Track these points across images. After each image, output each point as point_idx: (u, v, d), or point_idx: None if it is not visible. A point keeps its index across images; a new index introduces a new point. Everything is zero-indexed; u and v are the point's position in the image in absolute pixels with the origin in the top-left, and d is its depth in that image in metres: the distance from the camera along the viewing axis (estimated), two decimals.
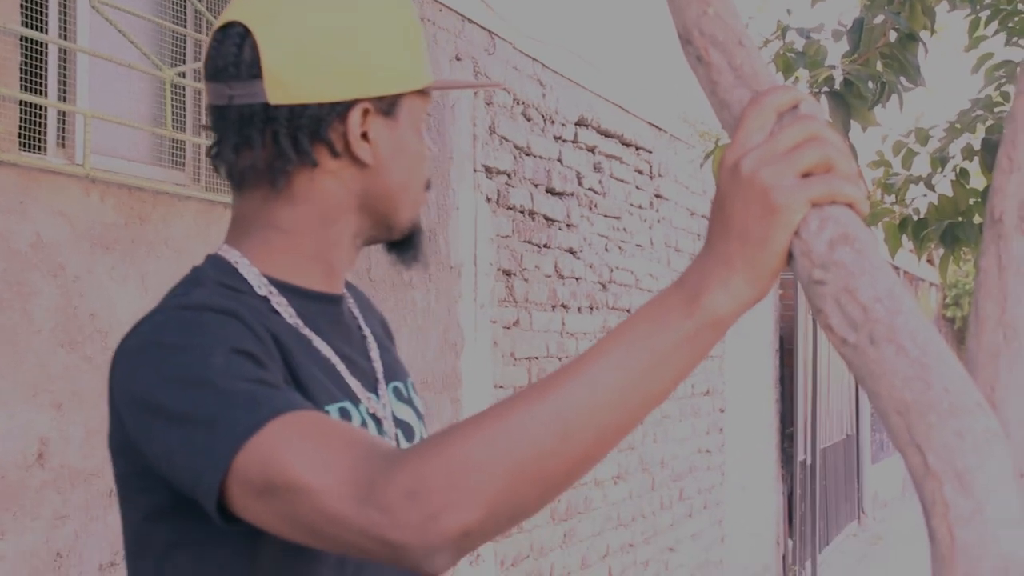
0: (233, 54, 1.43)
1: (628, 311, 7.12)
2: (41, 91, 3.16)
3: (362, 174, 1.47)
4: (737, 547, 9.62)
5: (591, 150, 6.68)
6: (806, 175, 1.05)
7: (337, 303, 1.55)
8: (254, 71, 1.41)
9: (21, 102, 2.99)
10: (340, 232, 1.49)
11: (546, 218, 6.06)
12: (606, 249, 6.88)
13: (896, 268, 18.14)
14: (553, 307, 6.15)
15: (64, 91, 3.27)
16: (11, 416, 2.87)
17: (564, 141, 6.32)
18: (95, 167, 3.15)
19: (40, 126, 3.14)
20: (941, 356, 1.05)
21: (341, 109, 1.43)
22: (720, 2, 1.32)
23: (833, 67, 3.61)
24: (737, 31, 1.30)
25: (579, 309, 6.48)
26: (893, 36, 3.54)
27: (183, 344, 1.28)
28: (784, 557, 11.13)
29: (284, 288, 1.46)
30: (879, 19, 3.53)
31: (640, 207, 7.47)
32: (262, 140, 1.43)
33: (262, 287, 1.44)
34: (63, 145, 3.24)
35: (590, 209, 6.64)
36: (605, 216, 6.86)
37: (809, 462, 11.79)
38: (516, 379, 5.70)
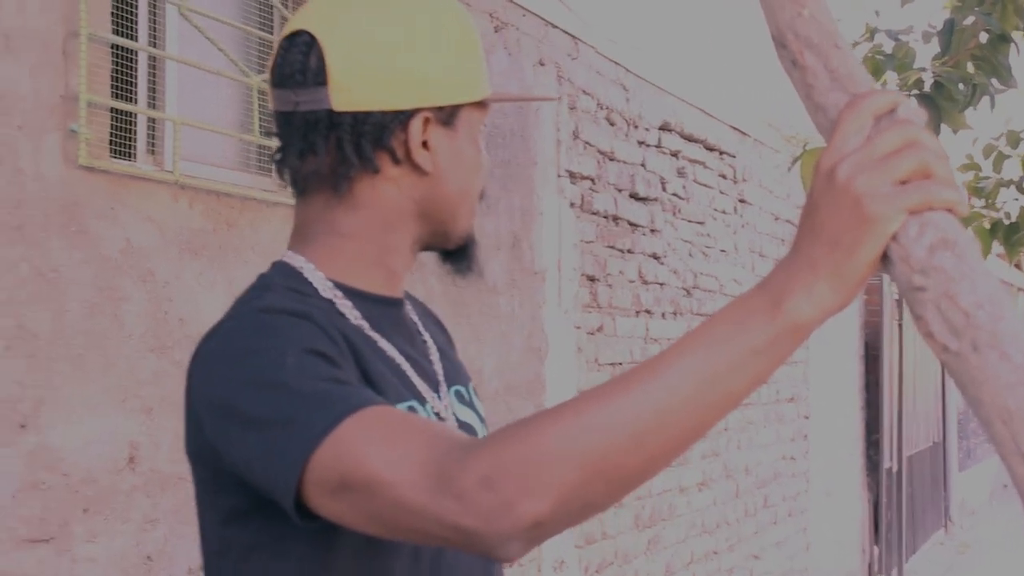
0: (300, 62, 1.47)
1: None
2: (131, 98, 3.19)
3: (422, 182, 1.51)
4: (822, 555, 9.53)
5: (675, 155, 6.65)
6: (903, 182, 1.03)
7: (398, 306, 1.59)
8: (320, 78, 1.45)
9: (112, 109, 3.02)
10: (400, 238, 1.53)
11: (630, 223, 6.04)
12: (690, 254, 6.84)
13: None
14: (637, 313, 6.13)
15: (153, 98, 3.30)
16: (102, 421, 2.90)
17: (648, 146, 6.30)
18: (184, 173, 3.18)
19: (130, 133, 3.17)
20: None
21: (403, 117, 1.47)
22: (815, 3, 1.30)
23: (923, 69, 3.57)
24: (832, 33, 1.28)
25: (663, 315, 6.45)
26: (984, 37, 3.49)
27: (258, 347, 1.31)
28: (870, 565, 11.02)
29: (348, 291, 1.50)
30: (970, 20, 3.49)
31: (724, 212, 7.43)
32: (326, 146, 1.47)
33: (327, 290, 1.48)
34: (152, 151, 3.27)
35: (674, 214, 6.61)
36: (689, 221, 6.83)
37: (895, 469, 11.67)
38: None
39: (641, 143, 6.21)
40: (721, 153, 7.34)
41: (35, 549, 2.74)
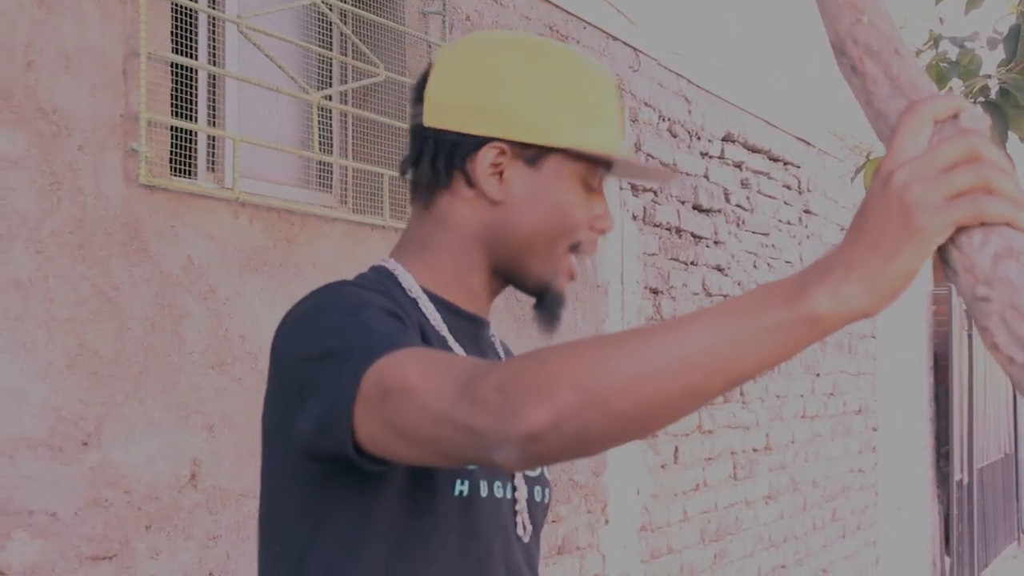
0: (420, 80, 1.60)
1: None
2: (191, 116, 3.21)
3: (492, 209, 1.57)
4: (892, 569, 9.44)
5: (738, 166, 6.61)
6: (957, 195, 1.01)
7: (480, 325, 1.66)
8: (420, 95, 1.58)
9: (172, 127, 3.03)
10: (474, 259, 1.60)
11: (693, 235, 6.01)
12: (754, 266, 6.80)
13: None
14: None
15: (213, 116, 3.32)
16: (164, 438, 2.91)
17: (711, 157, 6.26)
18: (244, 190, 3.19)
19: (190, 151, 3.19)
20: None
21: (477, 143, 1.54)
22: (875, 10, 1.27)
23: (989, 76, 3.53)
24: (893, 39, 1.25)
25: None
26: None
27: (338, 304, 1.42)
28: None
29: (432, 298, 1.58)
30: None
31: (789, 223, 7.38)
32: (418, 158, 1.59)
33: (413, 290, 1.57)
34: (213, 169, 3.29)
35: (738, 226, 6.57)
36: (753, 233, 6.78)
37: (966, 482, 11.54)
38: None
39: (704, 154, 6.18)
40: (785, 163, 7.29)
41: (98, 566, 2.75)
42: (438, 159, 1.56)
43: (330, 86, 3.71)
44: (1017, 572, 13.57)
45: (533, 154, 1.55)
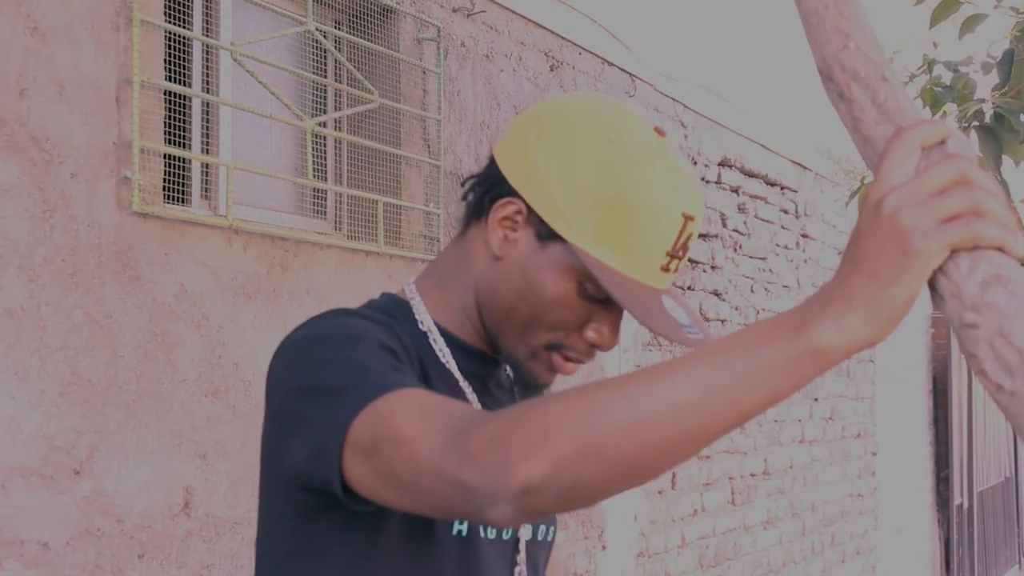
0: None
1: None
2: (185, 144, 3.21)
3: (491, 260, 1.50)
4: None
5: (735, 191, 6.61)
6: (951, 218, 1.00)
7: (491, 364, 1.57)
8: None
9: (165, 155, 3.03)
10: (470, 301, 1.53)
11: (690, 260, 6.01)
12: (752, 291, 6.80)
13: None
14: None
15: (207, 143, 3.32)
16: (156, 466, 2.90)
17: (707, 182, 6.27)
18: (237, 217, 3.19)
19: (184, 178, 3.19)
20: None
21: (505, 191, 1.47)
22: (861, 36, 1.27)
23: (983, 100, 3.52)
24: (880, 65, 1.25)
25: None
26: None
27: (334, 335, 1.37)
28: None
29: (445, 334, 1.52)
30: None
31: (786, 247, 7.38)
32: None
33: (424, 323, 1.51)
34: (207, 196, 3.29)
35: (735, 250, 6.57)
36: (750, 257, 6.78)
37: (966, 505, 11.51)
38: None
39: (701, 179, 6.18)
40: (782, 188, 7.30)
41: None
42: (482, 186, 1.51)
43: (324, 113, 3.71)
44: None
45: (546, 231, 1.44)
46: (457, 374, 1.50)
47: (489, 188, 1.49)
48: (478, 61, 4.23)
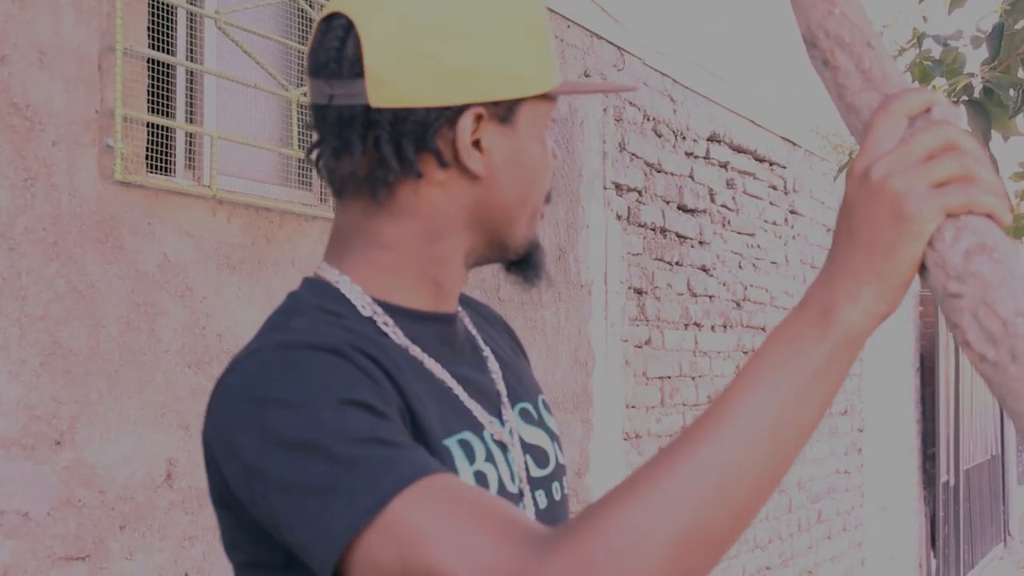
0: (335, 49, 1.30)
1: (763, 329, 7.03)
2: (169, 113, 3.18)
3: (473, 186, 1.33)
4: (877, 570, 9.47)
5: (723, 166, 6.60)
6: (940, 185, 0.98)
7: (449, 323, 1.41)
8: (356, 69, 1.28)
9: (149, 124, 3.00)
10: (449, 249, 1.36)
11: (678, 235, 5.99)
12: (740, 266, 6.79)
13: None
14: (686, 325, 6.08)
15: (191, 113, 3.29)
16: (139, 437, 2.89)
17: (696, 157, 6.25)
18: (222, 188, 3.17)
19: (168, 148, 3.16)
20: None
21: (451, 114, 1.29)
22: (847, 1, 1.25)
23: (972, 75, 3.51)
24: (865, 32, 1.23)
25: (712, 327, 6.40)
26: None
27: (286, 398, 1.15)
28: None
29: (390, 309, 1.34)
30: (1020, 24, 3.43)
31: (774, 223, 7.38)
32: (363, 146, 1.30)
33: (366, 307, 1.33)
34: (191, 166, 3.26)
35: (723, 226, 6.56)
36: (738, 233, 6.77)
37: (952, 483, 11.55)
38: (648, 399, 5.64)
39: (689, 154, 6.16)
40: (771, 164, 7.29)
41: (71, 567, 2.72)
42: (403, 144, 1.29)
43: None
44: (1003, 573, 13.58)
45: (505, 110, 1.32)
46: (417, 352, 1.33)
47: (413, 137, 1.29)
48: None
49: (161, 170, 3.12)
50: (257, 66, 3.34)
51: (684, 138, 6.11)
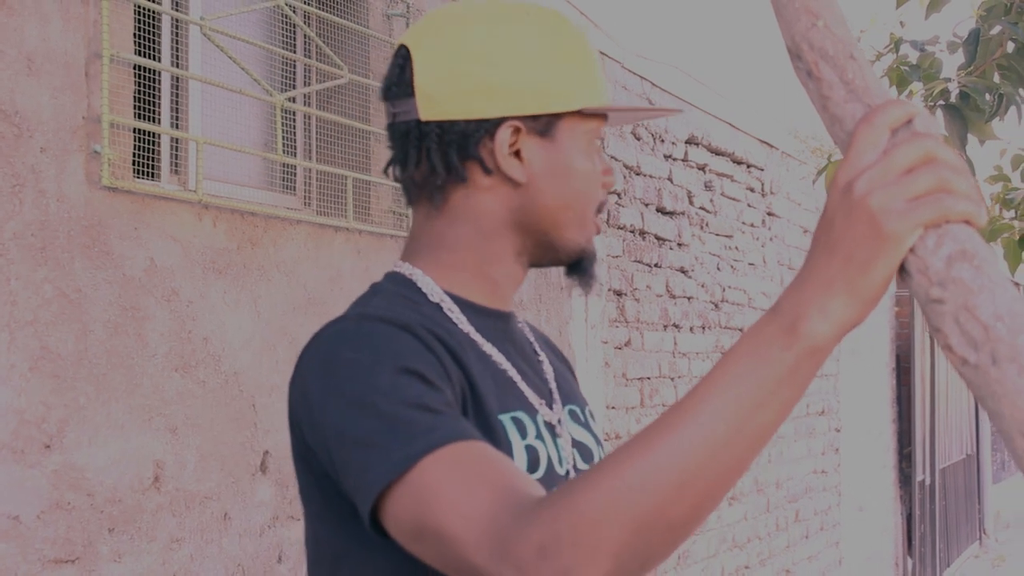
0: (396, 74, 1.51)
1: (741, 330, 7.07)
2: (155, 119, 3.21)
3: (516, 192, 1.50)
4: (855, 569, 9.53)
5: (702, 168, 6.65)
6: (918, 198, 1.02)
7: (506, 319, 1.59)
8: (409, 89, 1.48)
9: (135, 130, 3.03)
10: (500, 249, 1.53)
11: (657, 237, 6.04)
12: (718, 268, 6.84)
13: (1017, 284, 17.79)
14: (665, 327, 6.12)
15: (177, 118, 3.32)
16: (127, 440, 2.91)
17: (674, 160, 6.30)
18: (207, 192, 3.19)
19: (154, 153, 3.18)
20: None
21: (489, 126, 1.48)
22: (830, 14, 1.28)
23: (948, 80, 3.55)
24: (848, 44, 1.27)
25: (691, 329, 6.45)
26: (1011, 47, 3.47)
27: (353, 359, 1.33)
28: None
29: (455, 300, 1.52)
30: (996, 30, 3.47)
31: (752, 225, 7.43)
32: (417, 156, 1.49)
33: (435, 295, 1.50)
34: (176, 171, 3.29)
35: (701, 228, 6.60)
36: (717, 235, 6.82)
37: (928, 482, 11.64)
38: (628, 400, 5.68)
39: (668, 157, 6.21)
40: (749, 166, 7.34)
41: (60, 570, 2.74)
42: (449, 153, 1.48)
43: (294, 88, 3.71)
44: (979, 571, 13.67)
45: (544, 125, 1.49)
46: (478, 337, 1.50)
47: (461, 145, 1.48)
48: None
49: (146, 175, 3.15)
50: (241, 71, 3.36)
51: (663, 141, 6.15)
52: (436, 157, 1.48)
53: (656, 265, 6.02)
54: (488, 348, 1.51)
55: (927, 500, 11.60)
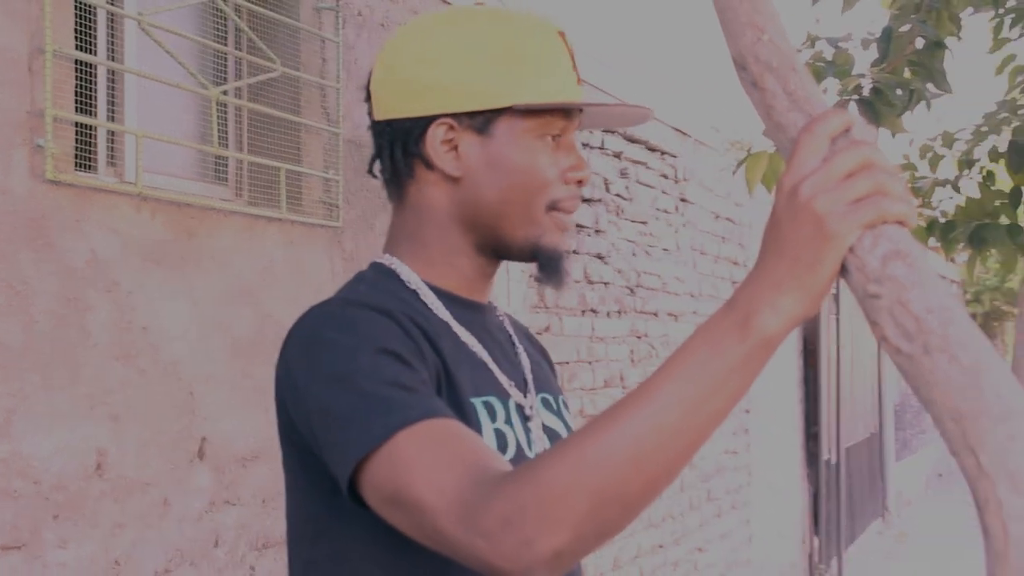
0: (367, 79, 1.64)
1: (655, 314, 7.18)
2: (91, 111, 3.24)
3: (457, 187, 1.58)
4: (765, 546, 9.68)
5: (617, 155, 6.73)
6: (858, 200, 1.11)
7: (481, 310, 1.67)
8: (367, 94, 1.63)
9: (75, 123, 3.07)
10: (459, 242, 1.61)
11: (575, 224, 6.11)
12: (633, 254, 6.95)
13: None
14: (583, 312, 6.21)
15: (113, 111, 3.36)
16: (71, 429, 2.96)
17: (591, 148, 6.38)
18: (146, 185, 3.24)
19: (91, 146, 3.22)
20: (992, 364, 1.10)
21: (424, 124, 1.56)
22: (774, 28, 1.38)
23: (862, 76, 3.66)
24: (791, 57, 1.36)
25: (608, 314, 6.55)
26: (921, 44, 3.59)
27: (335, 339, 1.40)
28: (810, 556, 11.16)
29: (433, 289, 1.60)
30: (906, 27, 3.59)
31: (666, 211, 7.53)
32: (379, 155, 1.62)
33: (413, 283, 1.59)
34: (113, 163, 3.33)
35: (617, 215, 6.69)
36: (632, 221, 6.91)
37: (834, 461, 11.81)
38: None
39: (585, 145, 6.29)
40: (662, 153, 7.42)
41: (7, 556, 2.79)
42: (395, 150, 1.58)
43: (226, 81, 3.76)
44: (882, 547, 13.95)
45: (481, 122, 1.55)
46: (453, 323, 1.58)
47: (403, 142, 1.57)
48: (374, 30, 4.30)
49: (84, 167, 3.19)
50: (175, 65, 3.40)
51: (580, 129, 6.21)
52: (385, 153, 1.60)
53: (574, 252, 6.09)
54: (464, 335, 1.58)
55: (833, 478, 11.78)
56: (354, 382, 1.35)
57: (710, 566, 8.27)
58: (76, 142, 3.14)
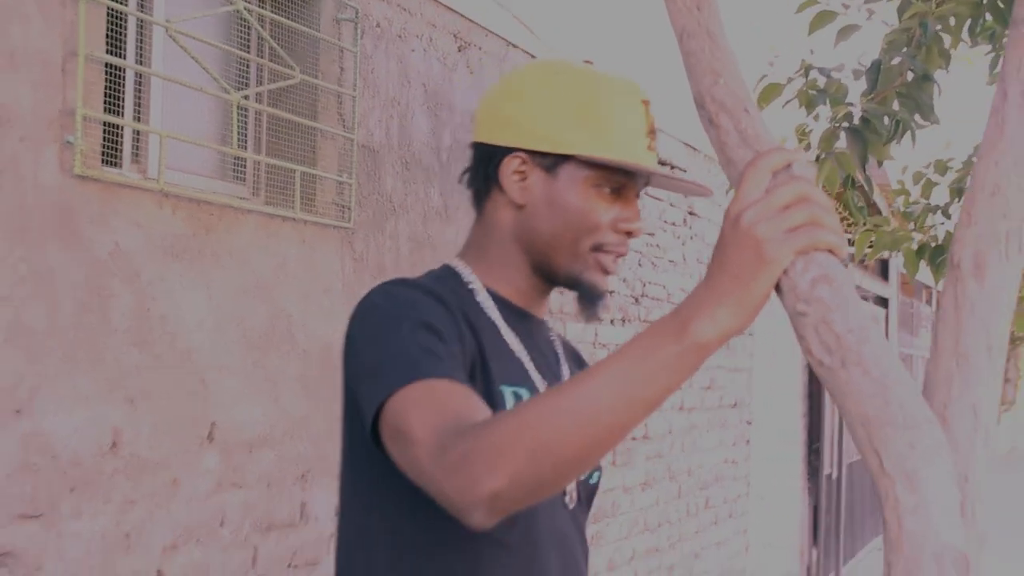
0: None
1: None
2: (118, 111, 3.42)
3: (520, 212, 1.80)
4: (761, 557, 9.72)
5: None
6: (794, 229, 1.25)
7: (532, 321, 1.86)
8: (474, 116, 1.87)
9: (104, 122, 3.24)
10: (516, 258, 1.82)
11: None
12: (639, 264, 7.05)
13: (928, 287, 18.18)
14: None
15: (139, 111, 3.53)
16: (89, 409, 3.14)
17: None
18: (168, 182, 3.41)
19: (117, 144, 3.39)
20: (899, 379, 1.25)
21: (503, 152, 1.78)
22: (730, 74, 1.54)
23: (852, 104, 3.76)
24: (743, 100, 1.52)
25: (612, 321, 6.67)
26: (910, 76, 3.70)
27: (388, 311, 1.62)
28: (808, 568, 11.18)
29: (490, 292, 1.81)
30: (896, 60, 3.70)
31: (674, 224, 7.63)
32: (470, 170, 1.86)
33: (472, 284, 1.80)
34: (137, 160, 3.50)
35: None
36: None
37: (835, 476, 11.83)
38: None
39: None
40: (672, 167, 7.51)
41: (26, 525, 2.97)
42: (479, 170, 1.82)
43: (247, 86, 3.92)
44: (881, 564, 13.93)
45: (550, 162, 1.76)
46: (500, 323, 1.78)
47: (486, 164, 1.80)
48: (391, 41, 4.46)
49: (110, 164, 3.36)
50: (199, 69, 3.57)
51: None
52: (473, 172, 1.83)
53: None
54: (508, 335, 1.78)
55: (833, 493, 11.80)
56: (393, 344, 1.55)
57: (705, 572, 8.33)
58: (103, 140, 3.30)
